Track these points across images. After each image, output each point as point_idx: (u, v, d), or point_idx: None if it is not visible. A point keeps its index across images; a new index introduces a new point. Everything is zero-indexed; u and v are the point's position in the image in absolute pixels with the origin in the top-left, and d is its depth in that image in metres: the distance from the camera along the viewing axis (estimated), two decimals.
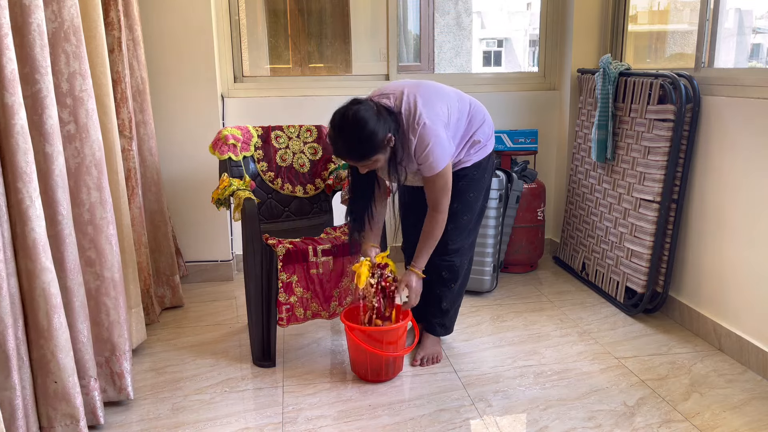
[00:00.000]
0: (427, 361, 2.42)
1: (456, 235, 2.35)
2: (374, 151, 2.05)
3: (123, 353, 2.07)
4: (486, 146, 2.34)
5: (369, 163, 2.10)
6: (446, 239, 2.33)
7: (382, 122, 2.06)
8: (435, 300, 2.44)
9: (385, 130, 2.05)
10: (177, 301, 3.00)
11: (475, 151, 2.32)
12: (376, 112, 2.06)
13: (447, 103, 2.21)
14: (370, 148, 2.04)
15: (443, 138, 2.13)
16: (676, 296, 2.77)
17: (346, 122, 2.03)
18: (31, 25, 1.65)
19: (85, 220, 1.93)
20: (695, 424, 1.99)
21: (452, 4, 13.12)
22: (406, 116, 2.13)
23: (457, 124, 2.25)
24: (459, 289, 2.46)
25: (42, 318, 1.71)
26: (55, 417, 1.80)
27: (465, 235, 2.38)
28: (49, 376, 1.77)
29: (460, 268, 2.40)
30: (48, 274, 1.69)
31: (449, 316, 2.49)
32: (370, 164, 2.11)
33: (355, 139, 2.03)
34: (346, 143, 2.05)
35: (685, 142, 2.61)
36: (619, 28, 3.31)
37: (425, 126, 2.10)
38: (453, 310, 2.49)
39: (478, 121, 2.31)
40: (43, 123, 1.71)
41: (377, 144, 2.04)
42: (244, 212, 2.31)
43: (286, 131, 2.75)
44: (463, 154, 2.30)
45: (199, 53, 3.10)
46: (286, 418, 2.05)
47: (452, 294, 2.44)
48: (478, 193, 2.35)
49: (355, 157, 2.08)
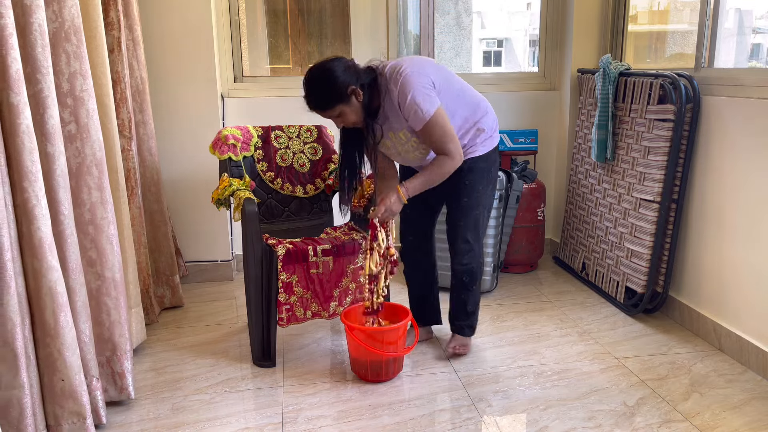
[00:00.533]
0: (460, 347, 2.46)
1: (468, 230, 2.35)
2: (335, 99, 2.08)
3: (124, 353, 2.07)
4: (492, 137, 2.32)
5: (335, 116, 2.13)
6: (460, 235, 2.35)
7: (349, 74, 2.09)
8: (461, 304, 2.47)
9: (349, 80, 2.08)
10: (177, 301, 3.00)
11: (482, 141, 2.29)
12: (346, 66, 2.11)
13: (441, 72, 2.21)
14: (331, 97, 2.08)
15: (426, 87, 2.10)
16: (676, 296, 2.77)
17: (312, 72, 2.11)
18: (32, 25, 1.65)
19: (86, 220, 1.93)
20: (695, 424, 1.99)
21: (452, 4, 13.11)
22: (390, 73, 2.14)
23: (455, 96, 2.22)
24: (478, 289, 2.48)
25: (49, 316, 1.72)
26: (62, 415, 1.81)
27: (477, 231, 2.36)
28: (56, 374, 1.77)
29: (477, 269, 2.41)
30: (54, 272, 1.70)
31: (475, 317, 2.51)
32: (337, 117, 2.14)
33: (317, 86, 2.09)
34: (310, 92, 2.11)
35: (685, 142, 2.61)
36: (619, 28, 3.31)
37: (406, 75, 2.10)
38: (477, 311, 2.51)
39: (483, 109, 2.30)
40: (44, 123, 1.71)
41: (338, 92, 2.07)
42: (244, 212, 2.31)
43: (286, 131, 2.75)
44: (468, 138, 2.27)
45: (199, 53, 3.10)
46: (286, 418, 2.05)
47: (474, 295, 2.46)
48: (486, 187, 2.34)
49: (317, 105, 2.12)
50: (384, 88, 2.15)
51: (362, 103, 2.13)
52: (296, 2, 3.56)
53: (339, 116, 2.14)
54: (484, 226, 2.41)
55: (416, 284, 2.57)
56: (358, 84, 2.10)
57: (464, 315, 2.48)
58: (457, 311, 2.49)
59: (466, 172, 2.28)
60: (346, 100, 2.10)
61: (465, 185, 2.30)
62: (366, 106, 2.14)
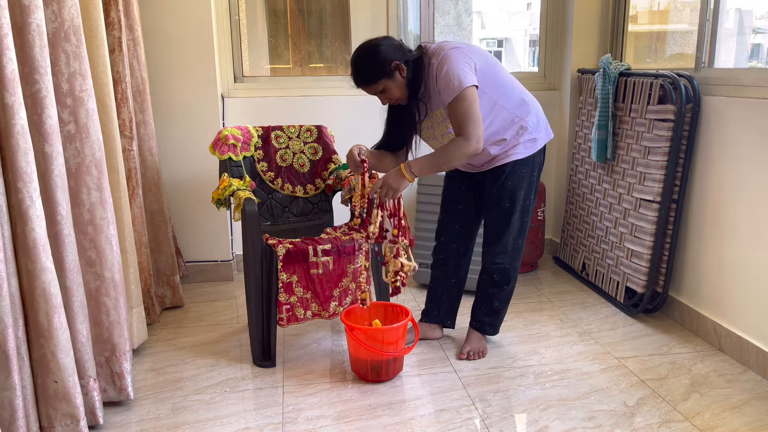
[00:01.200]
0: (474, 354, 2.43)
1: (507, 234, 2.33)
2: (379, 74, 2.10)
3: (123, 353, 2.07)
4: (536, 140, 2.27)
5: (378, 91, 2.15)
6: (497, 239, 2.34)
7: (394, 51, 2.12)
8: (487, 299, 2.44)
9: (393, 56, 2.10)
10: (177, 301, 3.00)
11: (524, 141, 2.25)
12: (392, 44, 2.13)
13: (487, 59, 2.20)
14: (374, 71, 2.10)
15: (466, 64, 2.10)
16: (676, 296, 2.77)
17: (358, 49, 2.14)
18: (30, 25, 1.65)
19: (85, 220, 1.93)
20: (695, 424, 1.99)
21: (452, 4, 13.09)
22: (434, 49, 2.16)
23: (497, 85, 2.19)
24: (510, 290, 2.44)
25: (42, 318, 1.71)
26: (56, 417, 1.80)
27: (515, 235, 2.34)
28: (49, 375, 1.77)
29: (511, 270, 2.38)
30: (48, 273, 1.69)
31: (500, 317, 2.48)
32: (381, 93, 2.16)
33: (362, 62, 2.12)
34: (356, 67, 2.13)
35: (685, 142, 2.61)
36: (619, 28, 3.31)
37: (448, 50, 2.12)
38: (504, 311, 2.48)
39: (528, 106, 2.26)
40: (42, 123, 1.71)
41: (382, 67, 2.09)
42: (244, 212, 2.31)
43: (286, 131, 2.75)
44: (510, 134, 2.23)
45: (199, 53, 3.10)
46: (286, 418, 2.05)
47: (504, 294, 2.43)
48: (528, 192, 2.30)
49: (362, 80, 2.14)
50: (427, 65, 2.15)
51: (406, 78, 2.14)
52: (296, 2, 3.56)
53: (383, 92, 2.15)
54: (524, 231, 2.36)
55: (440, 284, 2.56)
56: (402, 60, 2.12)
57: (489, 310, 2.45)
58: (480, 305, 2.46)
59: (507, 176, 2.26)
60: (390, 75, 2.12)
61: (505, 189, 2.28)
62: (410, 82, 2.15)
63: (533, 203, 2.34)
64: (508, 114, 2.22)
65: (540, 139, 2.29)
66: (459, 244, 2.50)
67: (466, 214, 2.46)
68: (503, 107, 2.21)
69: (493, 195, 2.31)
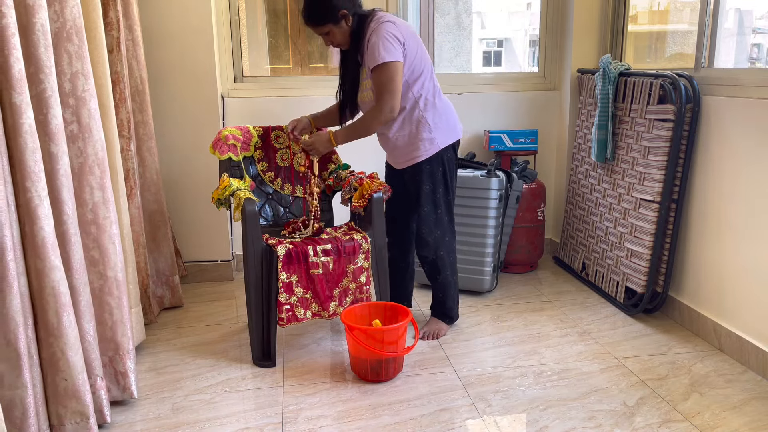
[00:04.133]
0: (429, 335, 2.62)
1: (422, 225, 2.55)
2: (326, 17, 2.31)
3: (126, 352, 2.07)
4: (434, 140, 2.46)
5: (324, 33, 2.36)
6: (418, 233, 2.58)
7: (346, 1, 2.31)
8: (432, 292, 2.69)
9: (344, 5, 2.31)
10: (176, 302, 3.00)
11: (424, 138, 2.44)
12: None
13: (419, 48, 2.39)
14: (324, 14, 2.31)
15: (395, 39, 2.29)
16: (676, 296, 2.77)
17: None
18: (35, 25, 1.65)
19: (88, 219, 1.93)
20: (695, 424, 1.99)
21: (452, 4, 13.08)
22: (379, 16, 2.35)
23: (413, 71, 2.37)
24: (445, 281, 2.63)
25: (51, 316, 1.72)
26: (65, 415, 1.81)
27: (432, 227, 2.54)
28: (59, 374, 1.77)
29: (438, 260, 2.58)
30: (57, 272, 1.70)
31: (446, 305, 2.66)
32: (326, 35, 2.37)
33: (311, 2, 2.33)
34: (307, 7, 2.34)
35: (685, 142, 2.61)
36: (619, 28, 3.31)
37: (385, 21, 2.31)
38: (448, 300, 2.66)
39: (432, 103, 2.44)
40: (48, 123, 1.71)
41: (331, 11, 2.30)
42: (244, 212, 2.31)
43: (286, 131, 2.75)
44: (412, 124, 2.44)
45: (199, 53, 3.11)
46: (286, 418, 2.05)
47: (439, 285, 2.63)
48: (435, 187, 2.50)
49: (310, 19, 2.35)
50: (368, 25, 2.35)
51: (350, 28, 2.35)
52: (296, 2, 3.56)
53: (327, 35, 2.37)
54: (442, 224, 2.55)
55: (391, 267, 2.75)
56: (351, 11, 2.34)
57: (436, 300, 2.68)
58: (432, 297, 2.72)
59: (413, 174, 2.50)
60: (336, 21, 2.33)
61: (413, 185, 2.52)
62: (353, 32, 2.36)
63: (444, 197, 2.53)
64: (414, 101, 2.42)
65: (438, 140, 2.47)
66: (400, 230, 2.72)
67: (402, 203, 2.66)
68: (413, 95, 2.41)
69: (407, 189, 2.57)
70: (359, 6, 2.39)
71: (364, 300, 2.44)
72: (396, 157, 2.55)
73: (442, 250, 2.57)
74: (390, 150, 2.56)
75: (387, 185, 2.53)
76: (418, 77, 2.40)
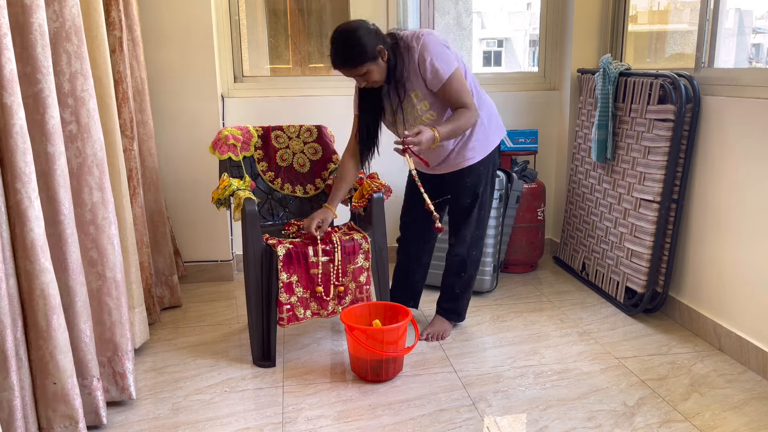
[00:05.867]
0: (433, 336, 2.60)
1: (467, 225, 2.52)
2: (363, 57, 2.18)
3: (125, 353, 2.07)
4: (488, 137, 2.45)
5: (361, 73, 2.22)
6: (457, 231, 2.54)
7: (375, 35, 2.21)
8: (448, 287, 2.64)
9: (376, 41, 2.20)
10: (175, 302, 3.00)
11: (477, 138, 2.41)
12: (371, 28, 2.22)
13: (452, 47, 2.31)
14: (359, 54, 2.17)
15: (446, 49, 2.25)
16: (676, 296, 2.77)
17: (339, 31, 2.20)
18: (32, 25, 1.65)
19: (87, 220, 1.93)
20: (695, 424, 1.99)
21: (452, 4, 13.09)
22: (410, 35, 2.27)
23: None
24: (468, 278, 2.61)
25: (41, 319, 1.71)
26: (54, 418, 1.80)
27: (474, 227, 2.53)
28: (48, 377, 1.77)
29: (468, 259, 2.56)
30: (47, 274, 1.69)
31: (461, 303, 2.65)
32: (363, 75, 2.23)
33: (344, 44, 2.18)
34: (337, 49, 2.19)
35: (685, 142, 2.61)
36: (619, 28, 3.31)
37: (428, 36, 2.24)
38: (464, 297, 2.64)
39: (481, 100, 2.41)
40: (45, 123, 1.71)
41: (366, 50, 2.17)
42: (244, 212, 2.31)
43: (286, 131, 2.75)
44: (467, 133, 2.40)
45: (199, 53, 3.11)
46: (286, 418, 2.05)
47: (462, 281, 2.60)
48: (486, 187, 2.51)
49: (346, 62, 2.19)
50: (405, 49, 2.26)
51: (387, 62, 2.25)
52: (296, 2, 3.56)
53: (365, 74, 2.23)
54: (482, 223, 2.56)
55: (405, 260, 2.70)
56: (386, 46, 2.24)
57: (451, 296, 2.63)
58: (443, 293, 2.65)
59: (467, 175, 2.46)
60: (375, 59, 2.21)
61: (464, 187, 2.48)
62: (392, 66, 2.27)
63: (490, 197, 2.56)
64: None
65: (491, 139, 2.46)
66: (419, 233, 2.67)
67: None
68: None
69: (454, 192, 2.51)
70: (386, 36, 2.28)
71: (364, 300, 2.44)
72: (443, 163, 2.46)
73: (475, 249, 2.57)
74: (439, 158, 2.45)
75: (387, 185, 2.53)
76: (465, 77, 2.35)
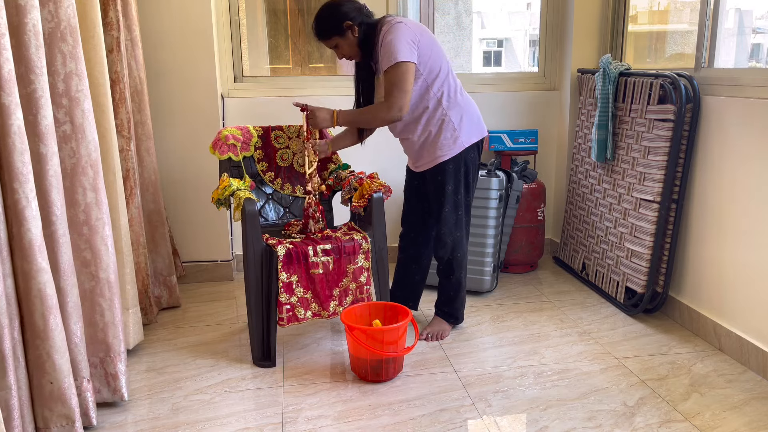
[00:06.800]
0: (432, 336, 2.61)
1: (443, 227, 2.51)
2: (332, 31, 2.32)
3: (117, 354, 2.06)
4: (458, 138, 2.43)
5: (332, 46, 2.36)
6: (437, 233, 2.54)
7: (352, 11, 2.31)
8: (440, 290, 2.67)
9: (349, 16, 2.30)
10: (174, 302, 2.99)
11: (447, 138, 2.41)
12: (354, 6, 2.33)
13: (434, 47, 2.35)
14: (329, 28, 2.32)
15: (410, 41, 2.27)
16: (676, 296, 2.77)
17: (323, 5, 2.35)
18: (26, 26, 1.65)
19: (80, 220, 1.93)
20: (695, 424, 1.99)
21: (452, 4, 13.08)
22: (389, 19, 2.33)
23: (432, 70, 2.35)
24: (457, 281, 2.62)
25: (38, 319, 1.71)
26: (51, 418, 1.80)
27: (452, 229, 2.52)
28: (45, 376, 1.76)
29: (453, 261, 2.57)
30: (44, 274, 1.69)
31: (455, 305, 2.65)
32: (335, 48, 2.37)
33: (320, 17, 2.33)
34: (314, 21, 2.35)
35: (685, 142, 2.60)
36: (619, 29, 3.31)
37: (398, 23, 2.29)
38: (458, 299, 2.65)
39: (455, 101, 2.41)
40: (37, 123, 1.70)
41: (335, 24, 2.30)
42: (244, 212, 2.31)
43: (286, 131, 2.75)
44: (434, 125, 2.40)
45: (199, 53, 3.10)
46: (286, 418, 2.05)
47: (451, 284, 2.62)
48: (457, 188, 2.47)
49: (317, 34, 2.36)
50: (379, 31, 2.33)
51: (357, 38, 2.34)
52: (296, 2, 3.56)
53: (336, 47, 2.37)
54: (460, 224, 2.53)
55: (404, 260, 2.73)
56: (357, 21, 2.32)
57: (445, 299, 2.66)
58: (439, 294, 2.68)
59: (436, 174, 2.46)
60: (341, 33, 2.32)
61: (435, 186, 2.48)
62: (360, 42, 2.34)
63: (465, 198, 2.51)
64: (437, 100, 2.39)
65: (461, 139, 2.43)
66: (417, 233, 2.68)
67: (421, 207, 2.65)
68: (434, 94, 2.38)
69: (429, 190, 2.53)
70: (367, 15, 2.36)
71: (365, 300, 2.44)
72: (419, 160, 2.51)
73: (459, 251, 2.56)
74: (414, 153, 2.52)
75: (387, 185, 2.53)
76: (436, 76, 2.36)
